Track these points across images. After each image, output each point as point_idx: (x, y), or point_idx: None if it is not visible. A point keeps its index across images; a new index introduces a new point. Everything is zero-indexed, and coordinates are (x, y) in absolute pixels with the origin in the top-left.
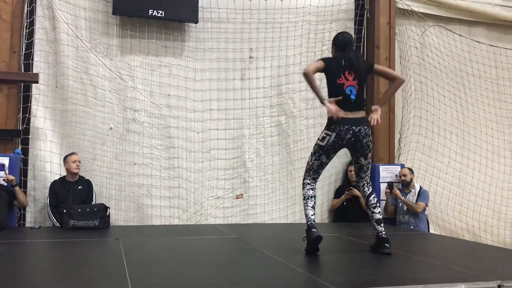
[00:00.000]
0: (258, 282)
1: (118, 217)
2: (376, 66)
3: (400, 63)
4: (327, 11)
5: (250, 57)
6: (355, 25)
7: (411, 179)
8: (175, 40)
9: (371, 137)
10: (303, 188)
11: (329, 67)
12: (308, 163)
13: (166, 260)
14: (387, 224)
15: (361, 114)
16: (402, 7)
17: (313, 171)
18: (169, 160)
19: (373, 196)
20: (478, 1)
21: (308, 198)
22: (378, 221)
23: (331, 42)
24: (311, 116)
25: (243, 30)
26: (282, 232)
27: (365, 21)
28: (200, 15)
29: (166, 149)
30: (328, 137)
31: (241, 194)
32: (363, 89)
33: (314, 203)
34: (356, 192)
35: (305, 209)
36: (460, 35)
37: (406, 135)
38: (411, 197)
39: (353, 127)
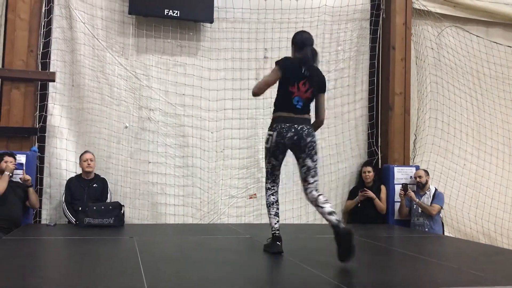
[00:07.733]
0: (271, 282)
1: (132, 215)
2: (322, 94)
3: (416, 63)
4: (343, 11)
5: (265, 57)
6: (370, 25)
7: (427, 181)
8: (190, 39)
9: (315, 138)
10: (265, 193)
11: (286, 75)
12: (265, 167)
13: (180, 259)
14: (402, 226)
15: (306, 116)
16: (419, 8)
17: (270, 174)
18: (183, 158)
19: (322, 195)
20: (496, 1)
21: (270, 206)
22: (331, 213)
23: (294, 41)
24: (324, 117)
25: (258, 30)
26: (295, 233)
27: (380, 21)
28: (215, 15)
29: (180, 148)
30: (270, 137)
31: (255, 194)
32: (311, 101)
33: (277, 209)
34: (370, 193)
35: (269, 217)
36: (477, 35)
37: (422, 137)
38: (426, 199)
39: (295, 125)
